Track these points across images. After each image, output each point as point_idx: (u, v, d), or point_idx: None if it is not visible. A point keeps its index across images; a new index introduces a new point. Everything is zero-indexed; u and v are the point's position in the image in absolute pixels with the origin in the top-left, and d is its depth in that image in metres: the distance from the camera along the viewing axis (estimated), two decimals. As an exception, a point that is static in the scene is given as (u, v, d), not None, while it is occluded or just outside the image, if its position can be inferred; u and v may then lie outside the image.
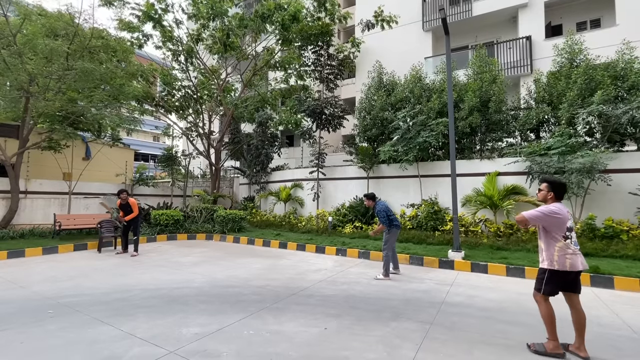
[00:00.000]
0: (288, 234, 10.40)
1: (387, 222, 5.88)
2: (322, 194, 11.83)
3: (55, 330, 3.44)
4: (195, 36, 14.36)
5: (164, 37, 13.83)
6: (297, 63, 14.45)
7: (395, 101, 10.75)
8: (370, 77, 11.96)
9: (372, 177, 10.82)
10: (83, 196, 11.67)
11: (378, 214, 5.97)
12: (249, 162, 15.07)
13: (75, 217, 9.83)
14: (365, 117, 11.08)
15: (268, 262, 7.20)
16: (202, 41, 14.98)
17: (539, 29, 13.15)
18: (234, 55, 14.37)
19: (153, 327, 3.54)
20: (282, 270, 6.51)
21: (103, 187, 12.31)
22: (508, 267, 6.09)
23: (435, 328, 3.58)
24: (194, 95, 15.27)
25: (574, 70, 8.32)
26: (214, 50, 14.31)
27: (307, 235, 10.14)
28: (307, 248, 8.65)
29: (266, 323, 3.68)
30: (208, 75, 15.30)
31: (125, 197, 7.94)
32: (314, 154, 11.70)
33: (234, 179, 17.43)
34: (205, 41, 14.93)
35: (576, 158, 7.39)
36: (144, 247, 9.15)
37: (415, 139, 9.29)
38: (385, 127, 10.58)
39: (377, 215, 6.00)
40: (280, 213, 12.89)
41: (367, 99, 11.43)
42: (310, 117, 11.64)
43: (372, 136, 10.98)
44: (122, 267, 6.69)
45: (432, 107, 9.79)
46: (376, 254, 7.50)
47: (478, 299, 4.71)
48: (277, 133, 15.39)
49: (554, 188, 2.96)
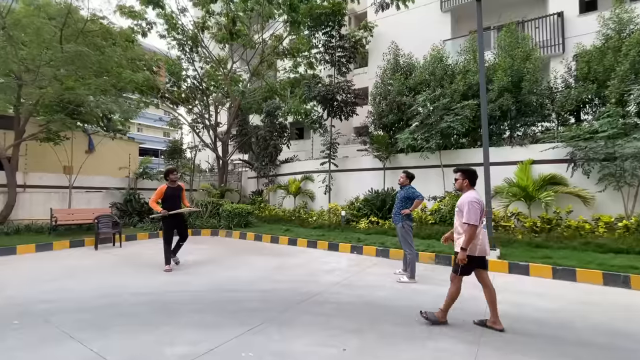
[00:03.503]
0: (298, 230, 9.68)
1: (404, 208, 5.14)
2: (334, 186, 11.04)
3: (7, 349, 2.79)
4: (201, 24, 13.71)
5: (168, 24, 13.20)
6: (306, 49, 13.63)
7: (414, 84, 9.83)
8: (386, 60, 11.04)
9: (389, 168, 9.96)
10: (85, 190, 11.20)
11: (407, 196, 5.16)
12: (256, 154, 14.40)
13: (74, 211, 9.33)
14: (381, 103, 10.19)
15: (275, 261, 6.49)
16: (208, 29, 14.36)
17: (571, 4, 11.91)
18: (240, 43, 13.65)
19: (131, 345, 2.86)
20: (291, 270, 5.78)
21: (106, 180, 11.82)
22: (555, 269, 5.19)
23: (485, 350, 2.78)
24: (200, 86, 14.67)
25: (625, 42, 7.23)
26: (218, 37, 13.60)
27: (318, 230, 9.39)
28: (318, 245, 7.90)
29: (270, 340, 2.96)
30: (215, 65, 14.63)
31: (176, 178, 5.87)
32: (325, 144, 10.90)
33: (242, 173, 16.82)
34: (211, 29, 14.28)
35: (629, 142, 6.38)
36: (143, 244, 8.58)
37: (438, 125, 8.38)
38: (403, 113, 9.69)
39: (406, 197, 5.16)
40: (290, 207, 12.18)
41: (382, 83, 10.53)
42: (321, 104, 10.82)
43: (389, 123, 10.09)
44: (115, 266, 6.08)
45: (455, 90, 8.84)
46: (396, 252, 6.69)
47: (528, 308, 3.87)
48: (286, 124, 14.63)
49: (469, 176, 3.35)
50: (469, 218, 3.08)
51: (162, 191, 5.64)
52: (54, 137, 10.19)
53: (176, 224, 5.79)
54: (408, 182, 5.32)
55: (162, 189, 5.66)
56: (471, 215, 3.08)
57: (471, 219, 3.06)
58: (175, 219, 5.73)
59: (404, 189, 5.27)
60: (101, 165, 13.00)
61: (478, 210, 3.11)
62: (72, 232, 9.03)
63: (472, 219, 3.06)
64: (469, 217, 3.08)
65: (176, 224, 5.80)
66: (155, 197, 5.66)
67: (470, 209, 3.10)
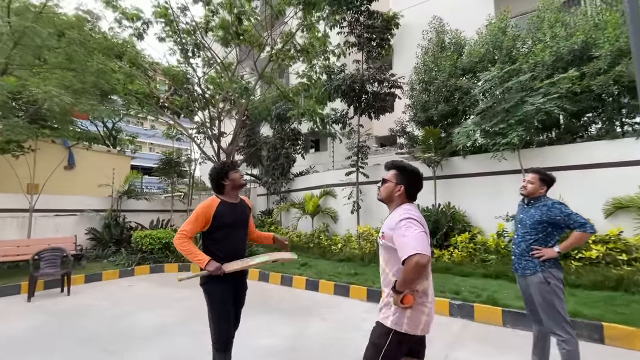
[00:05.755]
0: (318, 264, 7.08)
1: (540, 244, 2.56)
2: (363, 203, 8.45)
3: None
4: (204, 26, 11.92)
5: (166, 22, 11.40)
6: (322, 45, 11.56)
7: (470, 64, 7.33)
8: (426, 39, 8.64)
9: (441, 177, 7.31)
10: (54, 213, 9.05)
11: (549, 219, 2.54)
12: (266, 166, 12.08)
13: (24, 242, 7.09)
14: (426, 91, 7.71)
15: (287, 329, 3.89)
16: (212, 31, 12.59)
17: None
18: (246, 44, 11.74)
19: None
20: (315, 353, 3.19)
21: (83, 201, 9.66)
22: None
23: None
24: (204, 93, 12.74)
25: None
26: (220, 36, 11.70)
27: (347, 265, 6.78)
28: (351, 292, 5.26)
29: None
30: (220, 68, 12.70)
31: (241, 183, 2.61)
32: (351, 148, 8.41)
33: (251, 189, 14.51)
34: (216, 30, 12.50)
35: None
36: (106, 288, 6.17)
37: (519, 110, 5.77)
38: (460, 101, 7.15)
39: (547, 221, 2.55)
40: (307, 230, 9.62)
41: (424, 67, 8.09)
42: (345, 98, 8.42)
43: (438, 116, 7.54)
44: (35, 337, 3.65)
45: (537, 62, 6.27)
46: (482, 310, 4.00)
47: None
48: (300, 129, 12.33)
49: (409, 179, 1.91)
50: (417, 245, 1.59)
51: (209, 212, 2.42)
52: (13, 148, 8.17)
53: (237, 288, 2.55)
54: (544, 189, 2.72)
55: (211, 205, 2.44)
56: (415, 240, 1.61)
57: (422, 246, 1.59)
58: (235, 280, 2.48)
59: (538, 204, 2.67)
60: (81, 182, 10.95)
61: (424, 233, 1.68)
62: (18, 272, 6.74)
63: (422, 245, 1.60)
64: (415, 243, 1.60)
65: (236, 289, 2.54)
66: (192, 225, 2.40)
67: (412, 223, 1.69)
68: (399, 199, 1.91)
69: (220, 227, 2.43)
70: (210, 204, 2.43)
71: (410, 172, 1.94)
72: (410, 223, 1.69)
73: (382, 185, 1.96)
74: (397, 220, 1.73)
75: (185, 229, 2.37)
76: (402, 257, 1.61)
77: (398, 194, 1.90)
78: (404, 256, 1.60)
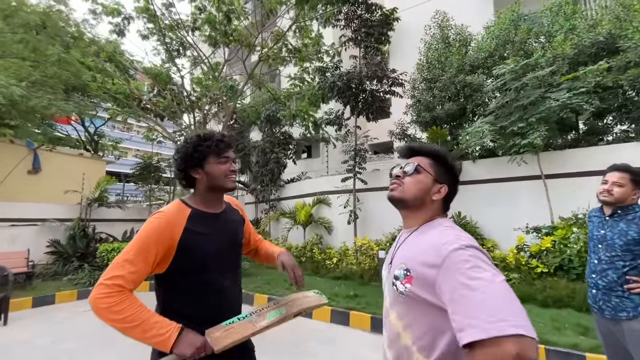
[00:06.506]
0: (311, 282, 6.18)
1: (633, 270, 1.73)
2: (361, 212, 7.62)
3: None
4: (190, 24, 11.18)
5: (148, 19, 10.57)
6: (316, 45, 10.92)
7: (479, 59, 6.69)
8: (429, 34, 8.01)
9: (448, 183, 6.56)
10: (9, 223, 7.95)
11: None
12: (254, 173, 11.22)
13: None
14: (430, 89, 7.02)
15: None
16: (199, 29, 11.87)
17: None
18: (235, 44, 11.05)
19: None
20: None
21: (47, 209, 8.59)
22: None
23: None
24: (189, 95, 11.91)
25: None
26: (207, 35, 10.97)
27: (344, 285, 5.90)
28: (352, 320, 4.37)
29: None
30: (207, 66, 11.91)
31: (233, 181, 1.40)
32: (348, 151, 7.62)
33: (238, 198, 13.56)
34: (203, 29, 11.77)
35: None
36: (57, 313, 5.14)
37: (539, 107, 5.08)
38: (469, 99, 6.46)
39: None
40: (298, 242, 8.72)
41: (427, 63, 7.43)
42: (341, 96, 7.68)
43: (444, 116, 6.82)
44: None
45: (557, 55, 5.63)
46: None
47: None
48: (291, 132, 11.54)
49: (455, 178, 1.13)
50: (507, 316, 0.70)
51: (169, 234, 1.22)
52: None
53: None
54: (637, 195, 1.93)
55: (173, 222, 1.24)
56: (508, 306, 0.71)
57: (513, 318, 0.69)
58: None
59: (631, 214, 1.86)
60: (47, 188, 9.84)
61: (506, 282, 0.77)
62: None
63: (513, 317, 0.69)
64: (506, 310, 0.71)
65: None
66: (131, 264, 1.14)
67: (481, 272, 0.78)
68: (435, 206, 1.08)
69: (192, 264, 1.27)
70: (172, 219, 1.25)
71: (454, 169, 1.13)
72: (479, 260, 0.82)
73: (409, 175, 1.08)
74: (449, 247, 0.86)
75: (118, 274, 1.11)
76: (469, 334, 0.72)
77: (437, 197, 1.07)
78: (481, 334, 0.70)
